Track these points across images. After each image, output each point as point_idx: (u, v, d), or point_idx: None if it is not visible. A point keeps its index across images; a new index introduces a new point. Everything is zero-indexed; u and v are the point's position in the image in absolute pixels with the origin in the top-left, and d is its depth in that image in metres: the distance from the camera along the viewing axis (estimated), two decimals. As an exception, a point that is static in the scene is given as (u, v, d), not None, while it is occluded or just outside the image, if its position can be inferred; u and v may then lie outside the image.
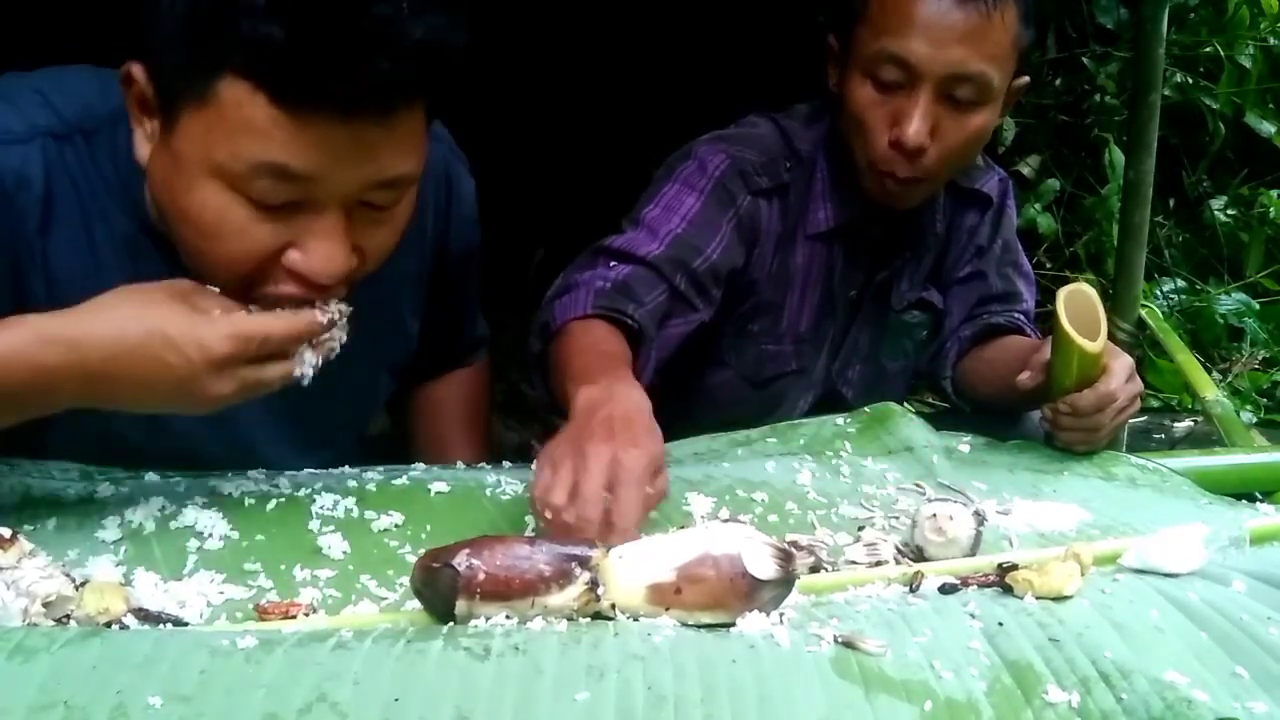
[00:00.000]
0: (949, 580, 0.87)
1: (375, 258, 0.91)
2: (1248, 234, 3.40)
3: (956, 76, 1.21)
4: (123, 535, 0.85)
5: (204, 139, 0.81)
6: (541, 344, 1.19)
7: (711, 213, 1.30)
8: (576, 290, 1.21)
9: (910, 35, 1.19)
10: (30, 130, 0.92)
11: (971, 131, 1.25)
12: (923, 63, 1.19)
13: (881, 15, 1.22)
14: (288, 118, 0.79)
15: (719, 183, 1.31)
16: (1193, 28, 3.22)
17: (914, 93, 1.21)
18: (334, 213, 0.84)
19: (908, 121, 1.21)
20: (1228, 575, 0.86)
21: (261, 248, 0.85)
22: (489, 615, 0.74)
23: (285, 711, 0.62)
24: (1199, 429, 2.69)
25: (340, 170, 0.82)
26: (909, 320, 1.48)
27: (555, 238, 3.18)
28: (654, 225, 1.29)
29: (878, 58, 1.22)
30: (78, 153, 0.94)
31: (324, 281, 0.86)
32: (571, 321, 1.17)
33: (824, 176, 1.37)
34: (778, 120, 1.40)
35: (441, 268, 1.20)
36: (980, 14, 1.19)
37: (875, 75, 1.23)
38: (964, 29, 1.19)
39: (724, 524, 0.79)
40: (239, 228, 0.83)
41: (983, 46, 1.20)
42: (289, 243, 0.85)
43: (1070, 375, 1.17)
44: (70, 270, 0.95)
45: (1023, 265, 1.54)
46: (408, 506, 0.95)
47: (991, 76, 1.22)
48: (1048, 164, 3.23)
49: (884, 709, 0.67)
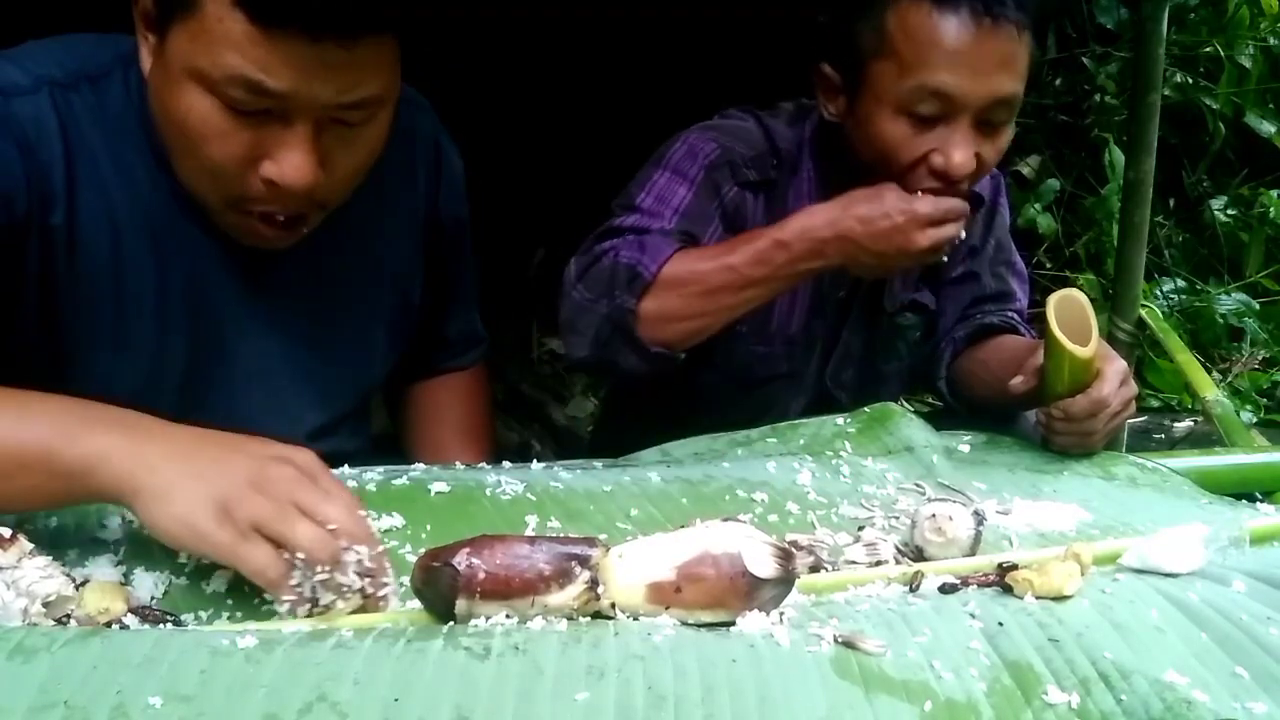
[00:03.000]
0: (949, 580, 0.87)
1: (343, 177, 0.97)
2: (1248, 234, 3.40)
3: (995, 103, 1.21)
4: (123, 535, 0.85)
5: (189, 47, 0.89)
6: (635, 298, 1.22)
7: (703, 203, 1.31)
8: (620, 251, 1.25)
9: (948, 68, 1.18)
10: (36, 81, 0.95)
11: (1000, 148, 1.26)
12: (965, 95, 1.18)
13: (912, 51, 1.20)
14: (261, 34, 0.86)
15: (708, 172, 1.31)
16: (1193, 28, 3.22)
17: (955, 123, 1.20)
18: (304, 126, 0.91)
19: (954, 152, 1.20)
20: (1228, 575, 0.86)
21: (239, 151, 0.91)
22: (489, 615, 0.74)
23: (285, 711, 0.62)
24: (1199, 429, 2.70)
25: (307, 87, 0.88)
26: (902, 322, 1.48)
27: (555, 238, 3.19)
28: (652, 213, 1.29)
29: (916, 95, 1.20)
30: (84, 100, 0.98)
31: (294, 188, 0.91)
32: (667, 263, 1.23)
33: (810, 177, 1.36)
34: (761, 118, 1.39)
35: (435, 231, 1.22)
36: (1011, 38, 1.18)
37: (912, 110, 1.21)
38: (1000, 55, 1.19)
39: (724, 523, 0.79)
40: (219, 130, 0.90)
41: (1015, 68, 1.20)
42: (263, 154, 0.91)
43: (1062, 381, 1.18)
44: (95, 233, 0.98)
45: (1016, 264, 1.53)
46: (408, 506, 0.95)
47: (1020, 95, 1.23)
48: (1048, 164, 3.23)
49: (884, 709, 0.67)
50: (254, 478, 0.76)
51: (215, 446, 0.79)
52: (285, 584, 0.74)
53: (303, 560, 0.74)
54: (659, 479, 1.08)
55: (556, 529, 0.95)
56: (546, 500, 1.00)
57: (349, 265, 1.13)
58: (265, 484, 0.76)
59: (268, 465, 0.77)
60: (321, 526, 0.75)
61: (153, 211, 1.00)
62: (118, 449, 0.77)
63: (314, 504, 0.76)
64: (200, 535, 0.74)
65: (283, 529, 0.74)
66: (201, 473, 0.76)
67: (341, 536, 0.75)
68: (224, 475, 0.76)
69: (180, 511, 0.74)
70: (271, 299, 1.08)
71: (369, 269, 1.15)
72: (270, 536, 0.74)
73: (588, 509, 1.00)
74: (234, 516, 0.74)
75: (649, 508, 1.01)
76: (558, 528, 0.95)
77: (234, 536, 0.74)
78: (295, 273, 1.09)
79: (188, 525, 0.74)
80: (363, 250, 1.13)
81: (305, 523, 0.75)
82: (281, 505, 0.75)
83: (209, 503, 0.74)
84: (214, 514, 0.74)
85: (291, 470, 0.78)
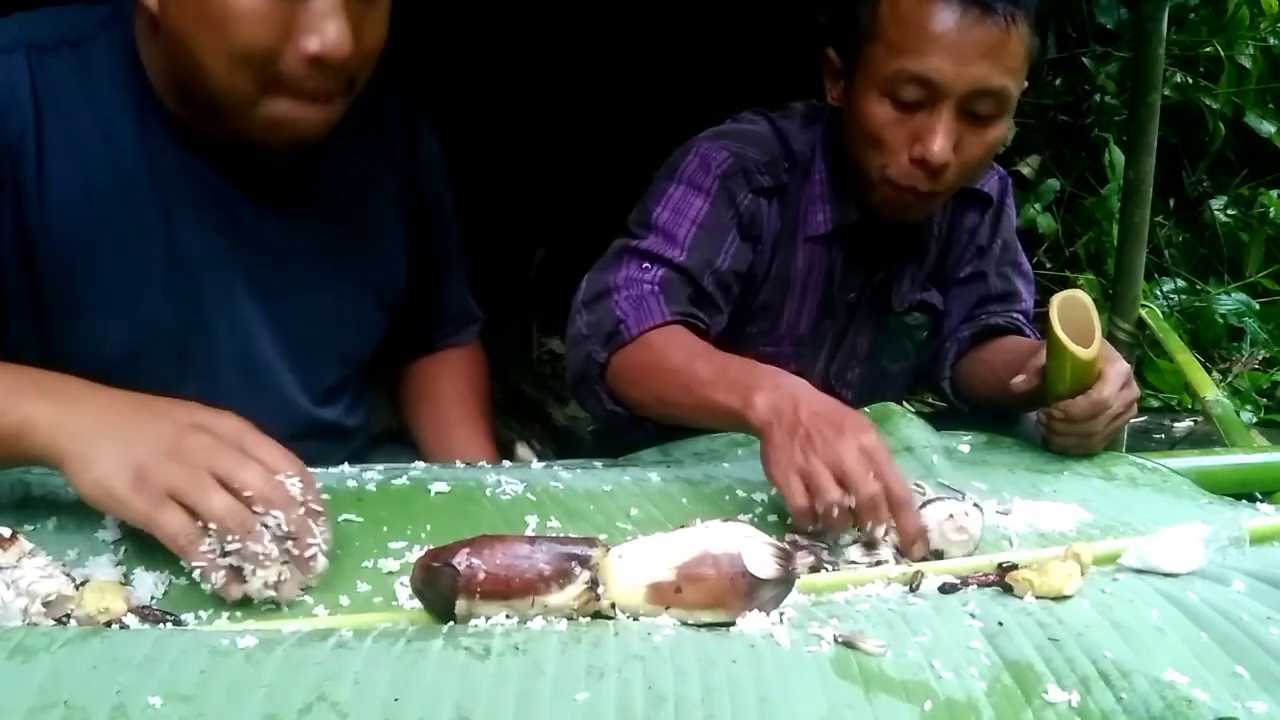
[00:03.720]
0: (949, 580, 0.87)
1: (369, 50, 0.98)
2: (1248, 234, 3.40)
3: (978, 92, 1.20)
4: (123, 535, 0.85)
5: None
6: (608, 352, 1.20)
7: (720, 213, 1.30)
8: (622, 295, 1.23)
9: (932, 54, 1.18)
10: (12, 43, 0.97)
11: (990, 144, 1.25)
12: (946, 81, 1.18)
13: (899, 34, 1.20)
14: None
15: (722, 182, 1.31)
16: (1193, 28, 3.22)
17: (936, 110, 1.20)
18: None
19: (932, 139, 1.20)
20: (1228, 575, 0.86)
21: (274, 30, 0.92)
22: (489, 615, 0.74)
23: (285, 711, 0.62)
24: (1199, 429, 2.70)
25: None
26: (909, 322, 1.48)
27: (555, 238, 3.19)
28: (669, 230, 1.28)
29: (898, 77, 1.20)
30: (64, 63, 0.99)
31: (336, 56, 0.93)
32: (651, 330, 1.19)
33: (822, 179, 1.36)
34: (774, 120, 1.39)
35: (417, 205, 1.24)
36: (1000, 29, 1.18)
37: (895, 94, 1.21)
38: (985, 45, 1.18)
39: (724, 523, 0.79)
40: (254, 12, 0.91)
41: (1002, 60, 1.19)
42: (298, 30, 0.92)
43: (1064, 381, 1.18)
44: (67, 191, 1.00)
45: (1022, 264, 1.53)
46: (408, 506, 0.95)
47: (1010, 89, 1.22)
48: (1048, 164, 3.24)
49: (884, 709, 0.67)
50: (171, 445, 0.78)
51: (137, 412, 0.81)
52: (196, 551, 0.76)
53: (214, 529, 0.76)
54: (659, 479, 1.08)
55: (556, 529, 0.95)
56: (546, 500, 1.00)
57: (332, 233, 1.14)
58: (182, 451, 0.78)
59: (186, 432, 0.79)
60: (238, 495, 0.77)
61: (137, 176, 1.02)
62: (43, 417, 0.80)
63: (230, 471, 0.78)
64: (118, 500, 0.77)
65: (195, 497, 0.76)
66: (121, 438, 0.78)
67: (257, 503, 0.77)
68: (142, 442, 0.78)
69: (99, 476, 0.77)
70: (254, 260, 1.09)
71: (352, 238, 1.16)
72: (184, 504, 0.76)
73: (588, 509, 1.00)
74: (149, 483, 0.77)
75: (649, 508, 1.01)
76: (558, 528, 0.95)
77: (149, 502, 0.76)
78: (278, 236, 1.10)
79: (106, 490, 0.77)
80: (346, 219, 1.15)
81: (218, 492, 0.77)
82: (196, 472, 0.77)
83: (126, 469, 0.77)
84: (131, 480, 0.77)
85: (209, 438, 0.79)
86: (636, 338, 1.19)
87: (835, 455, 0.92)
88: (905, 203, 1.28)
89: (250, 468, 0.78)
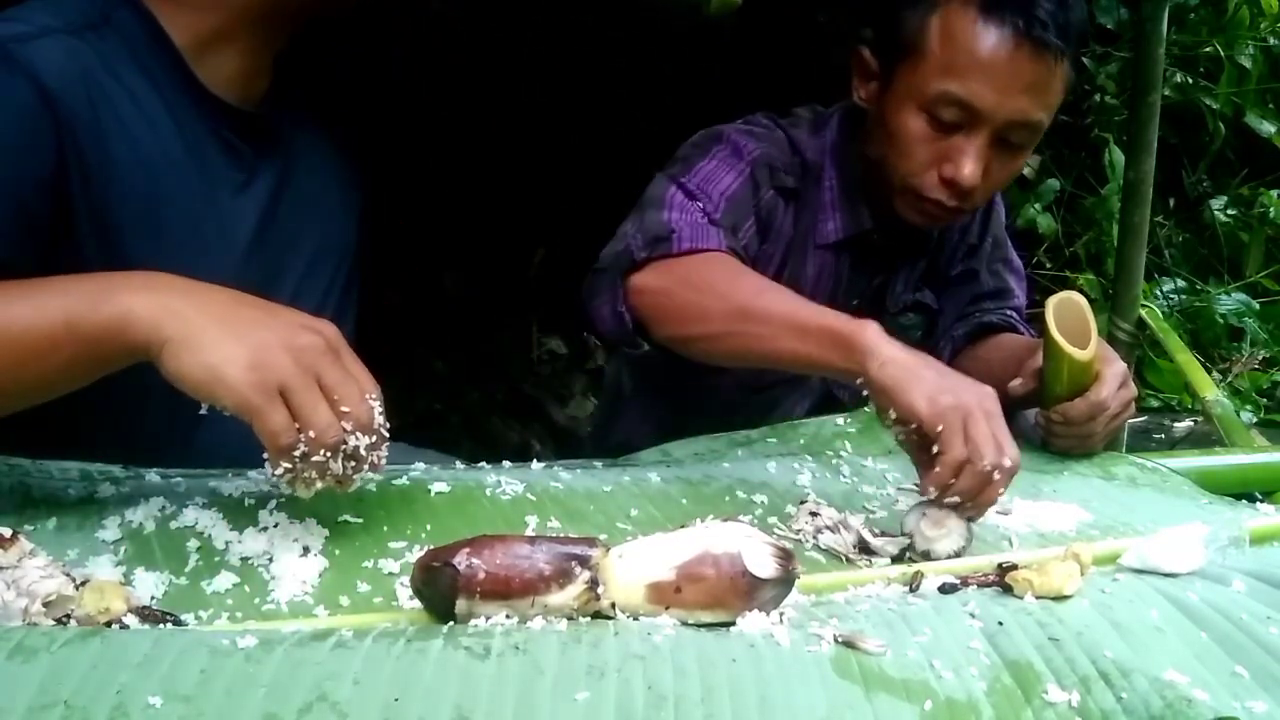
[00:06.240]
0: (949, 580, 0.87)
1: None
2: (1248, 234, 3.40)
3: (1016, 123, 1.21)
4: (123, 535, 0.85)
5: None
6: (648, 254, 1.18)
7: (746, 196, 1.30)
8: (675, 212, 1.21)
9: (976, 80, 1.18)
10: (42, 29, 0.95)
11: (1016, 169, 1.27)
12: (988, 109, 1.19)
13: (948, 55, 1.20)
14: None
15: (753, 169, 1.30)
16: (1193, 28, 3.21)
17: (972, 135, 1.20)
18: None
19: (964, 163, 1.21)
20: (1228, 575, 0.86)
21: None
22: (489, 614, 0.74)
23: (285, 711, 0.62)
24: (1199, 429, 2.69)
25: None
26: (904, 322, 1.48)
27: (555, 238, 3.19)
28: (703, 191, 1.27)
29: (941, 99, 1.20)
30: (93, 47, 0.97)
31: None
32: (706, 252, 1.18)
33: (832, 187, 1.36)
34: (784, 127, 1.39)
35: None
36: (1047, 66, 1.18)
37: (933, 113, 1.21)
38: (1031, 79, 1.18)
39: (724, 523, 0.79)
40: None
41: (1044, 96, 1.20)
42: None
43: (1061, 383, 1.18)
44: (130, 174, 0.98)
45: (1012, 260, 1.54)
46: (408, 506, 0.95)
47: (1045, 123, 1.23)
48: (1048, 164, 3.23)
49: (884, 709, 0.67)
50: (288, 340, 0.78)
51: (242, 305, 0.82)
52: (289, 454, 0.76)
53: (310, 439, 0.76)
54: (659, 479, 1.08)
55: (556, 529, 0.95)
56: (546, 500, 1.00)
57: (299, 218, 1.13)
58: (298, 350, 0.78)
59: (298, 332, 0.79)
60: (336, 408, 0.77)
61: (177, 153, 1.01)
62: (145, 305, 0.79)
63: (335, 382, 0.78)
64: (226, 385, 0.76)
65: (305, 400, 0.77)
66: (236, 328, 0.78)
67: (349, 421, 0.77)
68: (258, 333, 0.78)
69: (212, 360, 0.77)
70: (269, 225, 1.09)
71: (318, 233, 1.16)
72: (290, 405, 0.76)
73: (588, 509, 1.00)
74: (265, 373, 0.76)
75: (649, 508, 1.01)
76: (558, 528, 0.95)
77: (260, 392, 0.76)
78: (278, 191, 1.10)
79: (215, 374, 0.76)
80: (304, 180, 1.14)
81: (323, 402, 0.77)
82: (308, 376, 0.77)
83: (241, 356, 0.77)
84: (245, 366, 0.76)
85: (322, 341, 0.80)
86: (686, 253, 1.17)
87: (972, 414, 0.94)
88: (928, 213, 1.28)
89: (351, 386, 0.79)
